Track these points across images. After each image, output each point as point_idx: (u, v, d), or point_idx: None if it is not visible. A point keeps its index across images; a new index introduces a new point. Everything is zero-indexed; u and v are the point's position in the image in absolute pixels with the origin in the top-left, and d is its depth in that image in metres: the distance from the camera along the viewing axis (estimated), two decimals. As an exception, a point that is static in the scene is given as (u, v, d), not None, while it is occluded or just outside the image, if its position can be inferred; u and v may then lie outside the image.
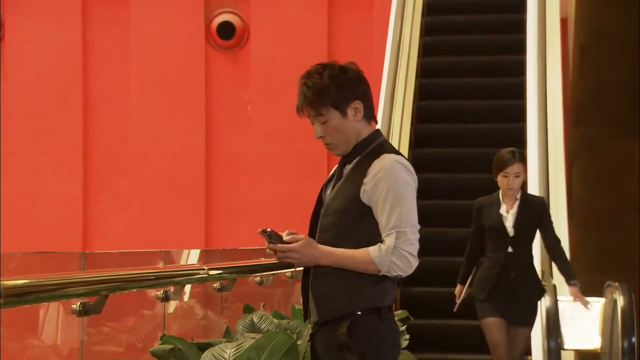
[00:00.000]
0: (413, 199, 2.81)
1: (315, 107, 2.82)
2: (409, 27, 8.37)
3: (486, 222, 5.15)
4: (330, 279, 2.80)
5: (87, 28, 10.86)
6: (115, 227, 10.62)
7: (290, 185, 10.29)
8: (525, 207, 5.13)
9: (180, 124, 10.74)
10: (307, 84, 2.83)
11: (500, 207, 5.13)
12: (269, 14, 10.74)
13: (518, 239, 5.09)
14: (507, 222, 5.10)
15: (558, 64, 7.53)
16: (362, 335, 2.77)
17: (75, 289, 2.86)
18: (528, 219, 5.10)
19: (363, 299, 2.78)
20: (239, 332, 4.29)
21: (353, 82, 2.85)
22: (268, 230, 2.75)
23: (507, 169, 5.04)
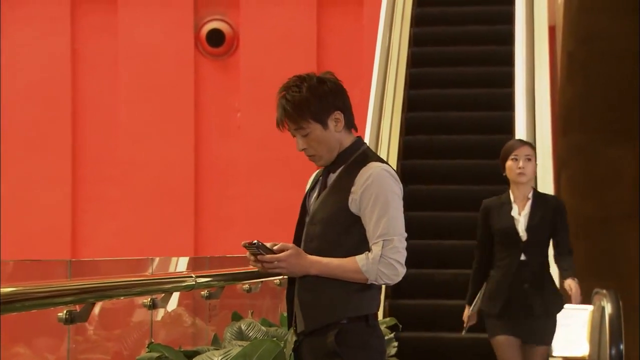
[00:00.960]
0: (400, 208, 2.82)
1: (295, 121, 2.82)
2: (398, 37, 8.39)
3: (495, 226, 4.60)
4: (317, 288, 2.80)
5: (75, 35, 10.85)
6: (104, 235, 10.59)
7: (279, 193, 10.29)
8: (540, 207, 4.57)
9: (169, 131, 10.73)
10: (286, 97, 2.82)
11: (511, 208, 4.58)
12: (258, 21, 10.75)
13: (532, 244, 4.55)
14: (520, 225, 4.56)
15: (546, 71, 7.56)
16: (350, 343, 2.77)
17: (62, 297, 2.85)
18: (543, 221, 4.55)
19: (350, 307, 2.79)
20: (227, 339, 4.29)
21: (332, 93, 2.84)
22: (255, 242, 2.73)
23: (517, 151, 4.55)
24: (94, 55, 10.88)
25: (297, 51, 10.50)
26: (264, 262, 2.76)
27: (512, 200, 4.60)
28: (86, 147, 10.85)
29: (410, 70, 8.29)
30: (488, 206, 4.66)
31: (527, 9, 8.12)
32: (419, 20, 8.79)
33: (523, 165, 4.55)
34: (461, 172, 7.46)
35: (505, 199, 4.63)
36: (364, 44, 10.18)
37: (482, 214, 4.67)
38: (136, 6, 10.78)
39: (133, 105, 10.76)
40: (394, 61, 8.17)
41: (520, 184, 4.59)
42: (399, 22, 8.52)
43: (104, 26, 10.82)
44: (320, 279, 2.79)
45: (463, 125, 7.90)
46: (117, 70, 10.79)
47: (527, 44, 7.82)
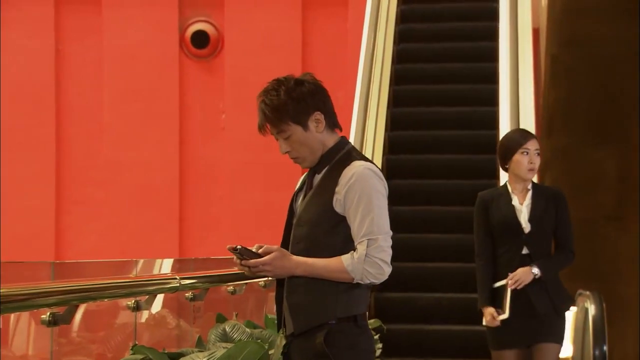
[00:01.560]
0: (385, 206, 2.82)
1: (276, 125, 2.83)
2: (383, 36, 8.41)
3: (495, 219, 4.28)
4: (305, 289, 2.80)
5: (59, 37, 10.81)
6: (89, 237, 10.56)
7: (264, 194, 10.28)
8: (541, 198, 4.29)
9: (154, 133, 10.70)
10: (265, 101, 2.83)
11: (510, 199, 4.29)
12: (243, 23, 10.74)
13: (535, 236, 4.25)
14: (522, 215, 4.25)
15: (530, 74, 7.59)
16: (339, 344, 2.78)
17: (45, 299, 2.84)
18: (546, 213, 4.27)
19: (339, 308, 2.79)
20: (211, 341, 4.28)
21: (310, 94, 2.84)
22: (239, 247, 2.73)
23: (527, 144, 4.24)
24: (78, 57, 10.84)
25: (282, 53, 10.50)
26: (249, 266, 2.76)
27: (510, 191, 4.31)
28: (70, 149, 10.81)
29: (396, 67, 8.32)
30: (485, 198, 4.35)
31: (511, 10, 8.15)
32: (404, 20, 8.81)
33: (534, 160, 4.26)
34: (446, 166, 7.50)
35: (502, 190, 4.35)
36: (348, 46, 10.19)
37: (479, 208, 4.35)
38: (120, 7, 10.75)
39: (117, 106, 10.73)
40: (379, 60, 8.19)
41: (526, 179, 4.29)
42: (384, 23, 8.54)
43: (88, 27, 10.78)
44: (306, 280, 2.79)
45: (447, 121, 7.94)
46: (102, 71, 10.76)
47: (511, 44, 7.86)
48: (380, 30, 8.43)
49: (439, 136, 7.80)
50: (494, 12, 8.46)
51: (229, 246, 2.75)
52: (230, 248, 2.75)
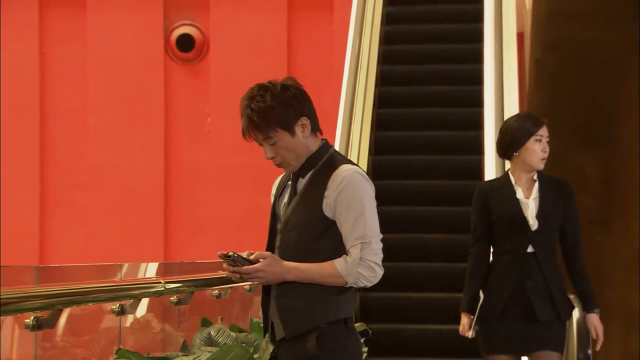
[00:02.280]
0: (374, 209, 2.83)
1: (263, 131, 2.81)
2: (368, 38, 8.43)
3: (497, 213, 3.86)
4: (295, 294, 2.80)
5: (44, 40, 10.78)
6: (73, 241, 10.52)
7: (249, 198, 10.27)
8: (549, 190, 3.90)
9: (139, 136, 10.68)
10: (251, 107, 2.80)
11: (514, 192, 3.88)
12: (228, 26, 10.73)
13: (542, 234, 3.84)
14: (529, 210, 3.85)
15: (515, 77, 7.62)
16: (331, 347, 2.78)
17: (29, 303, 2.83)
18: (554, 207, 3.88)
19: (330, 312, 2.79)
20: (196, 345, 4.28)
21: (297, 99, 2.83)
22: (231, 253, 2.70)
23: (540, 131, 3.88)
24: (63, 60, 10.81)
25: (268, 56, 10.50)
26: (242, 273, 2.74)
27: (514, 183, 3.89)
28: (55, 152, 10.78)
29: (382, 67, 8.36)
30: (485, 190, 3.93)
31: (496, 14, 8.19)
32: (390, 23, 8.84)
33: (547, 149, 3.90)
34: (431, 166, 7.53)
35: (504, 181, 3.92)
36: (334, 49, 10.20)
37: (478, 200, 3.92)
38: (105, 11, 10.73)
39: (102, 110, 10.71)
40: (365, 61, 8.21)
41: (537, 169, 3.90)
42: (369, 26, 8.56)
43: (72, 30, 10.76)
44: (297, 284, 2.78)
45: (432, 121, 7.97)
46: (86, 74, 10.73)
47: (495, 47, 7.89)
48: (365, 32, 8.45)
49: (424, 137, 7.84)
50: (479, 18, 8.50)
51: (221, 253, 2.72)
52: (221, 255, 2.72)
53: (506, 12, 8.16)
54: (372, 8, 8.70)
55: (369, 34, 8.46)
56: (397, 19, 8.88)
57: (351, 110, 7.78)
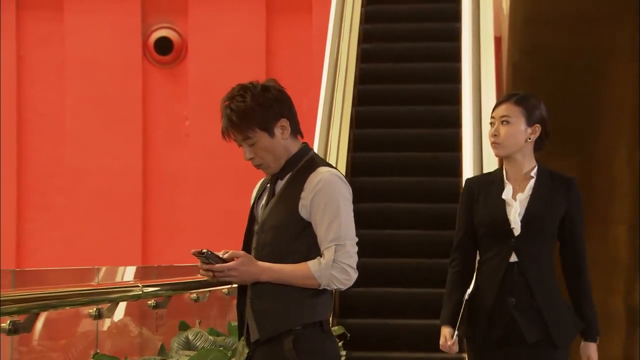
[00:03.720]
0: (351, 212, 2.82)
1: (242, 131, 2.80)
2: (347, 37, 8.46)
3: (479, 214, 3.30)
4: (270, 296, 2.79)
5: (21, 42, 10.72)
6: (51, 245, 10.47)
7: (228, 201, 10.26)
8: (545, 188, 3.28)
9: (117, 139, 10.64)
10: (231, 107, 2.80)
11: (502, 189, 3.29)
12: (207, 29, 10.72)
13: (528, 240, 3.24)
14: (513, 212, 3.25)
15: (492, 82, 7.66)
16: (307, 350, 2.77)
17: (5, 307, 2.82)
18: (549, 210, 3.26)
19: (305, 314, 2.78)
20: (174, 349, 4.26)
21: (277, 101, 2.83)
22: (205, 250, 2.70)
23: (494, 112, 3.32)
24: (40, 63, 10.76)
25: (246, 59, 10.49)
26: (214, 271, 2.74)
27: (505, 179, 3.31)
28: (32, 155, 10.72)
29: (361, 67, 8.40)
30: (472, 187, 3.36)
31: (474, 19, 8.24)
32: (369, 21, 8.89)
33: (495, 130, 3.28)
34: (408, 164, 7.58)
35: (496, 176, 3.34)
36: (313, 52, 10.21)
37: (463, 198, 3.36)
38: (83, 13, 10.69)
39: (80, 113, 10.66)
40: (344, 60, 8.24)
41: (504, 158, 3.33)
42: (348, 28, 8.59)
43: (50, 33, 10.71)
44: (272, 285, 2.78)
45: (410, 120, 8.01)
46: (64, 77, 10.69)
47: (473, 51, 7.93)
48: (344, 32, 8.49)
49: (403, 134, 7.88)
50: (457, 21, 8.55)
51: (194, 250, 2.72)
52: (195, 252, 2.72)
53: (484, 13, 8.22)
54: (351, 9, 8.74)
55: (347, 34, 8.50)
56: (375, 17, 8.93)
57: (330, 108, 7.82)
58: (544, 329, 3.22)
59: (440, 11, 9.01)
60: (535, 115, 3.35)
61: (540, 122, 3.37)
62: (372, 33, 8.79)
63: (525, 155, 3.32)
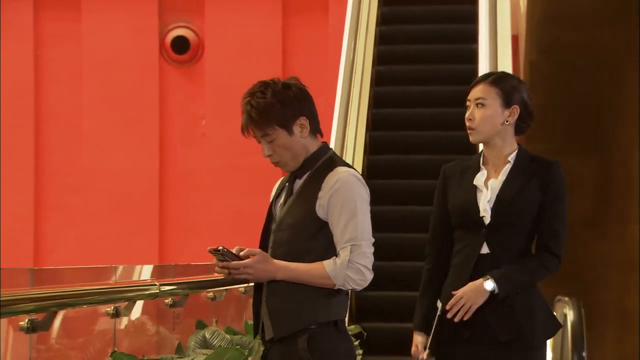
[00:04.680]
0: (367, 212, 2.82)
1: (260, 128, 2.80)
2: (363, 39, 8.46)
3: (451, 202, 3.05)
4: (285, 294, 2.79)
5: (38, 43, 10.77)
6: (67, 243, 10.51)
7: (244, 200, 10.27)
8: (521, 173, 3.00)
9: (133, 139, 10.67)
10: (251, 103, 2.79)
11: (477, 173, 3.06)
12: (223, 28, 10.74)
13: (501, 229, 2.96)
14: (482, 199, 2.99)
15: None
16: (321, 349, 2.77)
17: (23, 306, 2.83)
18: (524, 196, 2.97)
19: (320, 313, 2.78)
20: (191, 348, 4.27)
21: (297, 99, 2.82)
22: (221, 248, 2.71)
23: (469, 94, 3.08)
24: (57, 62, 10.80)
25: (262, 59, 10.50)
26: (230, 269, 2.74)
27: (481, 163, 3.07)
28: (49, 155, 10.77)
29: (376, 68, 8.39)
30: (447, 172, 3.12)
31: (490, 16, 8.21)
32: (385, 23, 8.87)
33: (470, 115, 3.04)
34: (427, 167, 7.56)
35: (474, 161, 3.10)
36: (329, 52, 10.21)
37: (438, 186, 3.12)
38: (100, 13, 10.73)
39: (97, 112, 10.70)
40: (360, 61, 8.23)
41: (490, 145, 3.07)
42: (364, 28, 8.58)
43: (67, 33, 10.75)
44: (288, 284, 2.78)
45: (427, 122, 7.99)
46: (81, 77, 10.72)
47: (490, 50, 7.91)
48: (360, 33, 8.48)
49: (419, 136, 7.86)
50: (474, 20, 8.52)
51: (210, 248, 2.73)
52: (211, 249, 2.73)
53: (501, 13, 8.19)
54: (367, 9, 8.72)
55: (364, 35, 8.49)
56: (392, 19, 8.92)
57: (347, 110, 7.81)
58: (518, 327, 2.95)
59: (456, 12, 8.98)
60: (513, 96, 3.04)
61: (520, 103, 3.05)
62: (389, 34, 8.78)
63: (506, 139, 3.05)
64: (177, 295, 4.46)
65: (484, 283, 2.92)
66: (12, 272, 4.80)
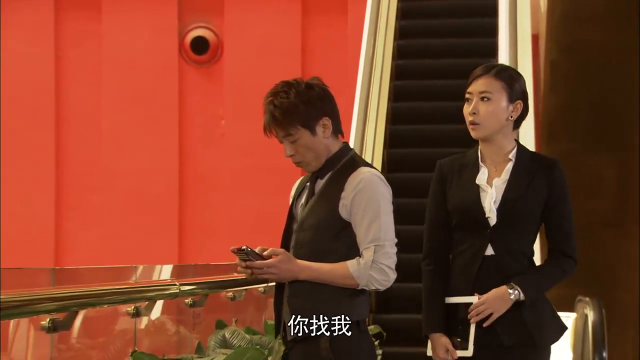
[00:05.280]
0: (391, 213, 2.82)
1: (284, 128, 2.79)
2: (382, 43, 8.45)
3: (452, 202, 2.95)
4: (307, 295, 2.79)
5: (59, 43, 10.82)
6: (88, 244, 10.55)
7: (264, 201, 10.28)
8: (524, 172, 2.91)
9: (153, 139, 10.70)
10: (274, 103, 2.79)
11: (477, 172, 2.95)
12: (242, 29, 10.75)
13: (506, 231, 2.88)
14: (487, 199, 2.90)
15: (529, 80, 7.61)
16: (343, 349, 2.77)
17: (45, 305, 2.84)
18: (527, 195, 2.88)
19: (345, 313, 2.78)
20: (211, 347, 4.28)
21: (320, 99, 2.82)
22: (245, 247, 2.70)
23: (470, 87, 2.97)
24: (78, 62, 10.85)
25: (282, 59, 10.51)
26: (254, 268, 2.74)
27: (480, 161, 2.95)
28: (70, 155, 10.82)
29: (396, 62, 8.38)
30: (444, 169, 3.01)
31: (511, 16, 8.19)
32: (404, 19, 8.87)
33: (474, 108, 2.93)
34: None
35: (470, 158, 2.98)
36: (348, 52, 10.20)
37: (435, 182, 3.02)
38: (120, 13, 10.77)
39: (117, 112, 10.74)
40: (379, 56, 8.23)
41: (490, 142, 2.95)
42: (384, 25, 8.58)
43: (87, 33, 10.80)
44: (311, 285, 2.78)
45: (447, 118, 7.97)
46: (101, 77, 10.77)
47: (510, 50, 7.88)
48: (380, 28, 8.48)
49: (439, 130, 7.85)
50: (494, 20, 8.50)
51: (234, 247, 2.72)
52: (234, 249, 2.72)
53: (521, 11, 8.16)
54: (387, 9, 8.72)
55: (384, 29, 8.49)
56: (411, 13, 8.91)
57: (366, 104, 7.83)
58: (524, 330, 2.87)
59: (476, 7, 8.96)
60: (516, 90, 2.95)
61: (522, 97, 2.96)
62: (408, 29, 8.77)
63: (506, 135, 2.95)
64: (196, 295, 4.47)
65: (509, 291, 2.84)
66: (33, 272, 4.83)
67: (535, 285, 2.87)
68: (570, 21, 7.70)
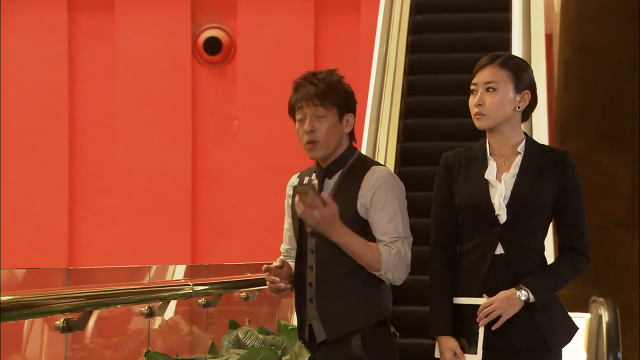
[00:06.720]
0: (406, 212, 2.87)
1: (322, 99, 2.80)
2: (395, 43, 8.45)
3: (459, 197, 2.82)
4: (336, 296, 2.80)
5: (73, 43, 10.85)
6: (102, 243, 10.58)
7: (276, 200, 10.25)
8: (535, 167, 2.76)
9: (166, 139, 10.73)
10: (318, 77, 2.84)
11: (486, 167, 2.81)
12: (255, 29, 10.76)
13: (516, 229, 2.74)
14: (497, 195, 2.75)
15: (543, 79, 7.59)
16: (374, 347, 2.80)
17: (59, 305, 2.85)
18: (537, 190, 2.74)
19: (374, 312, 2.81)
20: (224, 347, 4.28)
21: (352, 96, 2.90)
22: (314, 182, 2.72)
23: (475, 78, 2.84)
24: (91, 63, 10.88)
25: (294, 59, 10.51)
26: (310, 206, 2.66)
27: (488, 155, 2.83)
28: (83, 155, 10.85)
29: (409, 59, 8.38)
30: (450, 163, 2.87)
31: (524, 16, 8.17)
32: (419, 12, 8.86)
33: (480, 100, 2.80)
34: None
35: (478, 151, 2.85)
36: (361, 52, 10.20)
37: (441, 176, 2.88)
38: (133, 14, 10.80)
39: (130, 112, 10.76)
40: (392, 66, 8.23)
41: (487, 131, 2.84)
42: (396, 30, 8.57)
43: (101, 33, 10.83)
44: (337, 286, 2.78)
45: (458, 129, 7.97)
46: (114, 77, 10.80)
47: (524, 50, 7.86)
48: (393, 24, 8.48)
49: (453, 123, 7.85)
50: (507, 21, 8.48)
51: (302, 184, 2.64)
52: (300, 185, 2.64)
53: (534, 10, 8.14)
54: (400, 9, 8.72)
55: (397, 24, 8.51)
56: (425, 9, 8.91)
57: (380, 99, 7.85)
58: (536, 332, 2.74)
59: (490, 3, 8.95)
60: (524, 79, 2.82)
61: (530, 87, 2.83)
62: (422, 24, 8.77)
63: (514, 126, 2.81)
64: (210, 295, 4.47)
65: (517, 293, 2.71)
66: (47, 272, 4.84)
67: (546, 286, 2.75)
68: (584, 21, 7.67)
